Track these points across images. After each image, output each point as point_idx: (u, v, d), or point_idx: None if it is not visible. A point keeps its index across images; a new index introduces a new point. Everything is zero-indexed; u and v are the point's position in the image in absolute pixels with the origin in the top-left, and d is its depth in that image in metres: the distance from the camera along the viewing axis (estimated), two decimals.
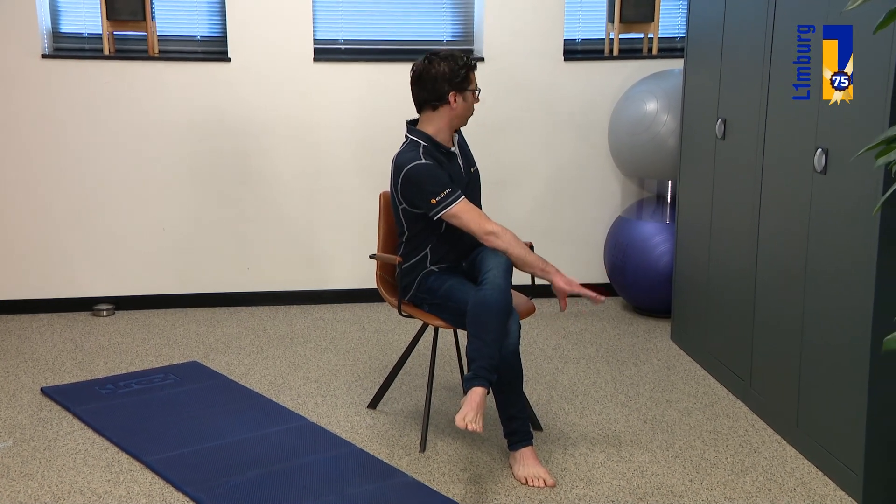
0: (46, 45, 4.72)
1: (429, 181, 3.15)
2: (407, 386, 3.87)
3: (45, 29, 4.71)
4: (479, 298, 3.02)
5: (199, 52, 4.90)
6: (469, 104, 3.27)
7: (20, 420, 3.53)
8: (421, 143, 3.24)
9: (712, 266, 4.00)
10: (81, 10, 4.80)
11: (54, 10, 4.78)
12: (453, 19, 5.08)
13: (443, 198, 3.14)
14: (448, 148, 3.29)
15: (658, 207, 4.94)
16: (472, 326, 3.02)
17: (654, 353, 4.33)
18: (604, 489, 3.01)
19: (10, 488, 2.99)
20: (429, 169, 3.17)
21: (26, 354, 4.26)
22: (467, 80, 3.23)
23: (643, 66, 5.04)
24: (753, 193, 3.56)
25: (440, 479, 3.08)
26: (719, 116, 3.86)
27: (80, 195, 4.82)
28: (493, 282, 3.04)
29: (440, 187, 3.14)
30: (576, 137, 5.11)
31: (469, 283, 3.20)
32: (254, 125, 4.89)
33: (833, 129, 2.98)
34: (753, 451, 3.29)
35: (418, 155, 3.19)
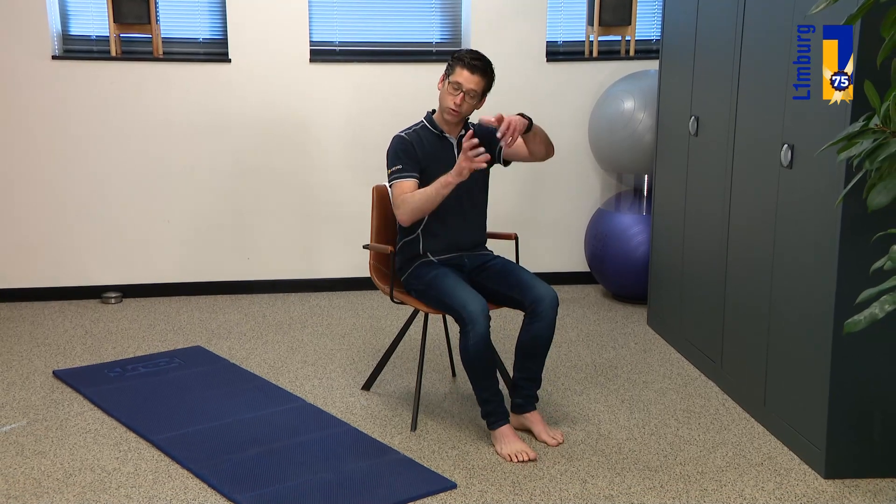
0: (56, 47, 4.69)
1: (391, 154, 3.21)
2: (399, 369, 3.88)
3: (55, 31, 4.68)
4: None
5: (201, 53, 4.88)
6: (443, 94, 3.22)
7: (33, 401, 3.52)
8: (422, 121, 3.27)
9: (686, 255, 4.01)
10: (90, 13, 4.77)
11: (64, 14, 4.75)
12: (442, 22, 5.07)
13: (393, 172, 3.18)
14: (442, 130, 3.26)
15: (635, 200, 4.95)
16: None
17: (631, 338, 4.35)
18: (584, 465, 3.02)
19: (25, 465, 2.98)
20: (397, 143, 3.22)
21: (39, 339, 4.25)
22: (452, 71, 3.20)
23: (621, 67, 5.04)
24: (724, 187, 3.57)
25: (430, 456, 3.08)
26: (692, 114, 3.87)
27: (89, 189, 4.80)
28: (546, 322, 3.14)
29: (396, 162, 3.17)
30: (558, 134, 5.10)
31: (459, 281, 3.15)
32: (253, 123, 4.88)
33: (799, 126, 2.99)
34: (724, 429, 3.31)
35: (408, 130, 3.26)
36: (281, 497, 2.77)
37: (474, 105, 3.23)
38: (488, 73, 3.21)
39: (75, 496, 2.78)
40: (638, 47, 5.13)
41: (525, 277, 3.22)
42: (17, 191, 4.73)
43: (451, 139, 3.29)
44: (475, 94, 3.19)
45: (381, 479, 2.91)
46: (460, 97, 3.18)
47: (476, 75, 3.17)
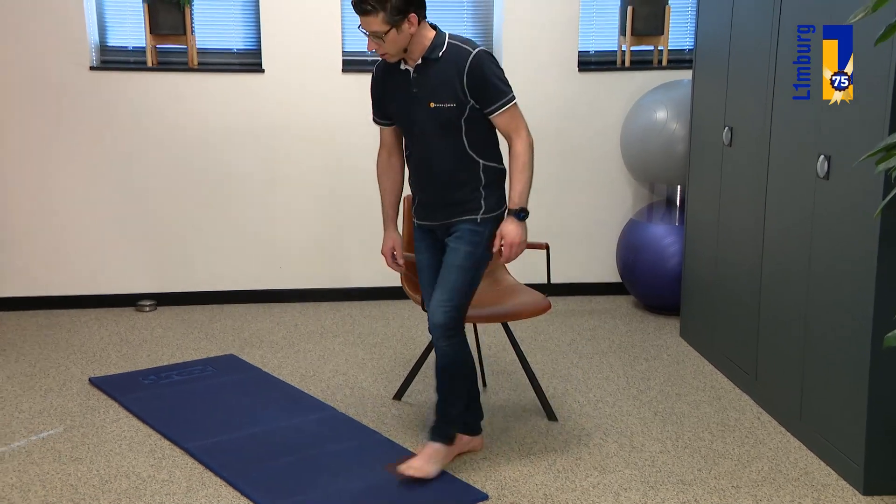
0: (95, 58, 4.76)
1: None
2: (430, 379, 3.86)
3: (94, 43, 4.76)
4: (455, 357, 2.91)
5: (235, 63, 4.93)
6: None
7: (70, 408, 3.56)
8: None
9: (720, 266, 3.98)
10: (127, 25, 4.84)
11: (102, 25, 4.82)
12: (473, 32, 5.08)
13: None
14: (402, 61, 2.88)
15: (668, 211, 4.92)
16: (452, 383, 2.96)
17: (663, 349, 4.31)
18: (616, 478, 3.00)
19: (62, 471, 3.02)
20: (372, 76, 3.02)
21: (75, 346, 4.30)
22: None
23: (654, 77, 5.02)
24: (759, 197, 3.54)
25: (462, 466, 3.08)
26: (726, 124, 3.84)
27: (124, 198, 4.86)
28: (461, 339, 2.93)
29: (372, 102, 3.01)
30: (589, 144, 5.10)
31: (424, 267, 3.03)
32: (285, 132, 4.92)
33: (835, 136, 2.96)
34: (759, 443, 3.27)
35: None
36: None
37: (398, 37, 2.75)
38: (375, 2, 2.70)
39: (111, 503, 2.81)
40: (671, 57, 5.10)
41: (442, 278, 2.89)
42: (56, 199, 4.81)
43: (408, 69, 2.87)
44: (379, 34, 2.75)
45: (412, 489, 2.91)
46: (373, 43, 2.81)
47: (364, 17, 2.75)
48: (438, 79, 2.81)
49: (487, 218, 2.93)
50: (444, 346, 2.91)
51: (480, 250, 2.92)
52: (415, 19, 2.75)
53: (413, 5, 2.74)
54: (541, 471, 3.05)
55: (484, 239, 2.92)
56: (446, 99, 2.81)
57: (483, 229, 2.92)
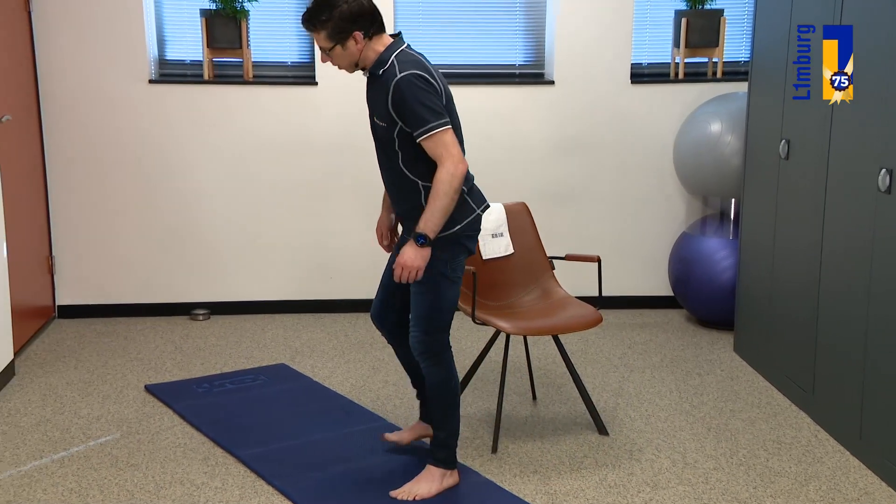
0: (153, 72, 4.87)
1: None
2: (480, 391, 3.87)
3: (153, 56, 4.86)
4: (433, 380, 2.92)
5: (289, 76, 4.99)
6: None
7: (126, 415, 3.63)
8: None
9: (775, 281, 3.91)
10: (185, 39, 4.94)
11: (161, 39, 4.93)
12: (525, 44, 5.08)
13: None
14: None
15: (721, 224, 4.85)
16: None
17: (717, 364, 4.25)
18: (669, 494, 2.96)
19: (119, 477, 3.08)
20: None
21: (132, 354, 4.38)
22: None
23: (708, 89, 4.96)
24: (817, 211, 3.47)
25: (511, 479, 3.06)
26: (783, 137, 3.78)
27: (180, 209, 4.94)
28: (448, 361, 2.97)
29: None
30: (642, 157, 5.06)
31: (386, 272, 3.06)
32: (337, 144, 4.96)
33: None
34: (817, 461, 3.20)
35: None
36: None
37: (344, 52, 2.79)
38: (315, 22, 2.76)
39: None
40: (726, 69, 5.04)
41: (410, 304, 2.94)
42: (114, 208, 4.91)
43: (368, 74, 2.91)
44: (326, 49, 2.80)
45: (461, 500, 2.91)
46: (324, 56, 2.86)
47: (310, 32, 2.81)
48: (377, 95, 2.83)
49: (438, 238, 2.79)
50: (424, 369, 2.94)
51: (433, 273, 2.82)
52: (359, 36, 2.77)
53: (357, 23, 2.76)
54: (592, 485, 3.02)
55: (436, 260, 2.81)
56: (381, 117, 2.83)
57: (435, 253, 2.80)
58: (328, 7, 2.74)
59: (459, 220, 2.84)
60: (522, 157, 5.01)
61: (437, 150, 2.73)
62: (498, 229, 3.71)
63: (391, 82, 2.75)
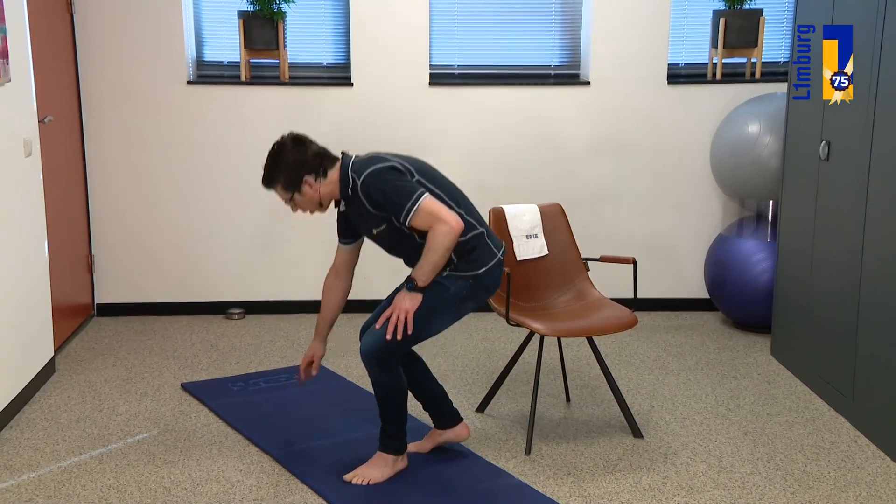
0: (191, 73, 4.92)
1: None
2: (513, 392, 3.86)
3: (191, 58, 4.92)
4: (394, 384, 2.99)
5: (325, 77, 5.02)
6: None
7: (163, 412, 3.67)
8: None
9: (814, 283, 3.85)
10: (223, 40, 4.99)
11: (199, 41, 4.98)
12: (561, 45, 5.06)
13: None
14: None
15: (758, 226, 4.80)
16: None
17: (753, 368, 4.20)
18: (705, 498, 2.93)
19: (156, 473, 3.11)
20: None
21: (168, 352, 4.43)
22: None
23: (745, 90, 4.91)
24: (857, 213, 3.42)
25: (545, 481, 3.05)
26: (823, 138, 3.73)
27: (217, 209, 4.99)
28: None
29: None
30: (678, 158, 5.02)
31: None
32: (373, 145, 4.95)
33: None
34: (856, 467, 3.15)
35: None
36: None
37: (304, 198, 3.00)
38: (269, 180, 3.00)
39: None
40: (765, 69, 4.98)
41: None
42: (152, 208, 4.97)
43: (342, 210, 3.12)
44: (287, 199, 3.03)
45: (495, 502, 2.90)
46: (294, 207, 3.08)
47: (270, 190, 3.04)
48: (359, 212, 2.98)
49: (453, 275, 2.95)
50: (371, 374, 3.00)
51: (438, 300, 2.94)
52: (311, 180, 2.96)
53: (303, 169, 2.95)
54: (626, 488, 3.00)
55: (446, 292, 2.94)
56: (377, 224, 2.97)
57: (448, 283, 2.94)
58: (275, 163, 2.97)
59: (482, 265, 2.98)
60: (557, 158, 4.99)
61: (426, 221, 2.84)
62: (532, 230, 3.70)
63: (359, 192, 2.91)
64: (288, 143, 3.01)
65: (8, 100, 3.63)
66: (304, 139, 3.04)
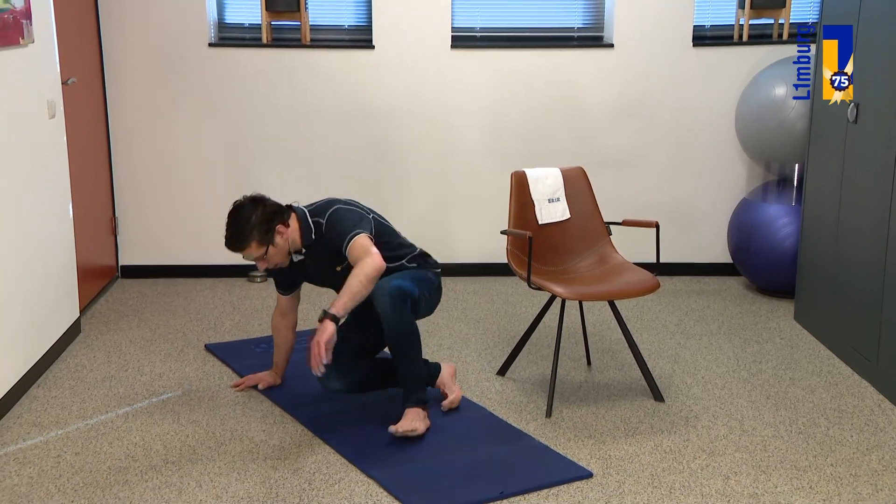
0: (213, 35, 4.90)
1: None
2: (534, 355, 3.86)
3: (212, 20, 4.90)
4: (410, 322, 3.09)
5: (346, 39, 4.99)
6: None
7: (188, 373, 3.71)
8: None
9: (840, 248, 3.81)
10: (244, 2, 4.96)
11: (220, 3, 4.96)
12: (584, 7, 4.99)
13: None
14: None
15: (784, 190, 4.74)
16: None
17: (776, 332, 4.17)
18: (726, 461, 2.93)
19: (181, 433, 3.15)
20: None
21: (192, 314, 4.47)
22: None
23: (772, 52, 4.83)
24: (886, 176, 3.37)
25: (566, 444, 3.06)
26: (852, 100, 3.66)
27: (239, 171, 5.00)
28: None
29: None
30: (703, 121, 4.96)
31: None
32: (394, 108, 4.95)
33: None
34: (879, 431, 3.14)
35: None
36: (417, 477, 2.82)
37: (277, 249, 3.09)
38: (239, 242, 3.06)
39: (226, 464, 2.92)
40: (792, 30, 4.90)
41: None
42: (174, 170, 4.99)
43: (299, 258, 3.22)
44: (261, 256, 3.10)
45: (516, 464, 2.92)
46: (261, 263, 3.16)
47: (239, 252, 3.10)
48: (327, 249, 3.10)
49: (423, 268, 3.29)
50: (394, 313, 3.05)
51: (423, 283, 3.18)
52: (283, 228, 3.08)
53: (275, 220, 3.06)
54: (647, 451, 3.00)
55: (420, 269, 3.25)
56: (341, 261, 3.09)
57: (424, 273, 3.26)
58: (243, 222, 3.04)
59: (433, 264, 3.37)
60: (581, 122, 4.94)
61: (356, 253, 3.01)
62: (554, 194, 3.68)
63: (325, 230, 3.09)
64: (247, 203, 3.09)
65: (32, 61, 3.64)
66: (261, 196, 3.12)
